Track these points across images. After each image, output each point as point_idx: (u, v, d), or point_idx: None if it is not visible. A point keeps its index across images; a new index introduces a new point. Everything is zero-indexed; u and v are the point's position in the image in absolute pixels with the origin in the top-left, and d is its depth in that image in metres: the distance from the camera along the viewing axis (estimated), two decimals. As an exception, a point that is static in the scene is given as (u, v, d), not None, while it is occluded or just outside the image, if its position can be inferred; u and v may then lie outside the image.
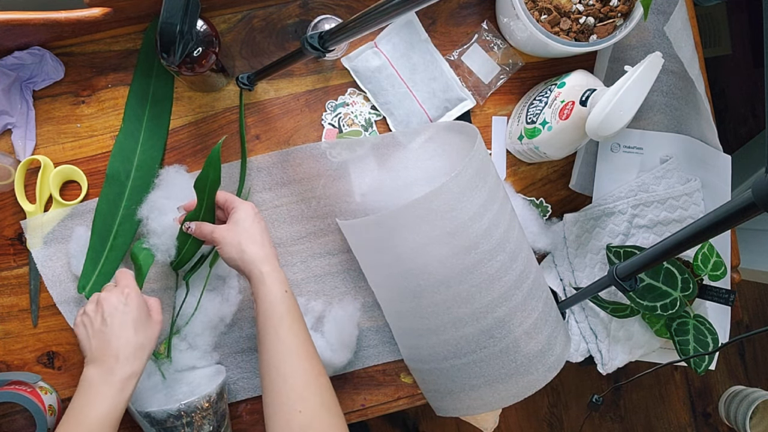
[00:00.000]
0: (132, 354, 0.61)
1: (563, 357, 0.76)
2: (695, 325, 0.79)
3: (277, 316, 0.62)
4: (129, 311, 0.63)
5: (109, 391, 0.59)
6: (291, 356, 0.61)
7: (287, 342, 0.61)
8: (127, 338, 0.62)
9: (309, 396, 0.59)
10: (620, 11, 0.73)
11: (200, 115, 0.80)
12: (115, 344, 0.61)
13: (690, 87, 0.83)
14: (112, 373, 0.60)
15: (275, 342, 0.61)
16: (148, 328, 0.64)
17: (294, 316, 0.63)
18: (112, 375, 0.60)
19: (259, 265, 0.65)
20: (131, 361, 0.61)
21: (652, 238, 0.82)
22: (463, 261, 0.67)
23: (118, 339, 0.62)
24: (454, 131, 0.78)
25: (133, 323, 0.63)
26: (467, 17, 0.83)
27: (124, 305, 0.64)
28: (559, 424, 1.70)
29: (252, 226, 0.67)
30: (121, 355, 0.61)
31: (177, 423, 0.68)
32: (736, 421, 1.58)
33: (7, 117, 0.76)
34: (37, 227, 0.76)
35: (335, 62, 0.81)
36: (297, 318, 0.64)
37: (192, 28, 0.61)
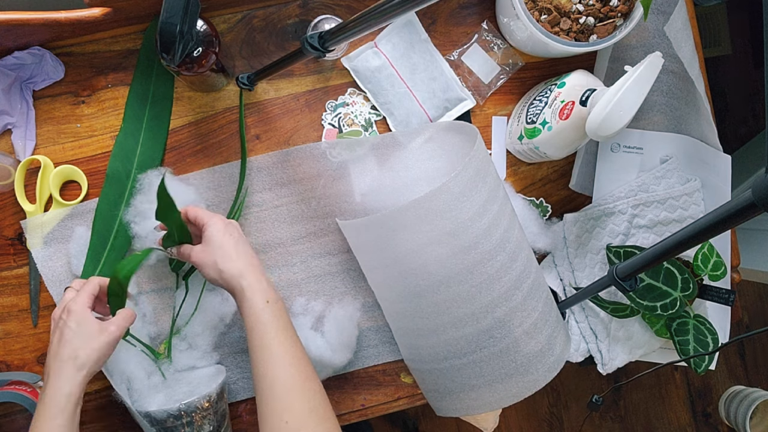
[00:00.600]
0: (60, 367, 0.60)
1: (563, 357, 0.76)
2: (695, 325, 0.79)
3: (260, 327, 0.62)
4: (66, 328, 0.62)
5: (43, 409, 0.59)
6: (276, 364, 0.61)
7: (272, 350, 0.61)
8: (57, 351, 0.61)
9: (295, 403, 0.59)
10: (620, 11, 0.73)
11: (200, 115, 0.80)
12: (49, 360, 0.62)
13: (690, 87, 0.83)
14: (44, 391, 0.60)
15: (260, 350, 0.61)
16: (86, 339, 0.61)
17: (278, 325, 0.63)
18: (44, 393, 0.60)
19: (238, 280, 0.64)
20: (59, 376, 0.60)
21: (652, 238, 0.82)
22: (463, 261, 0.67)
23: (52, 354, 0.62)
24: (454, 131, 0.78)
25: (69, 339, 0.61)
26: (467, 17, 0.83)
27: (65, 317, 0.62)
28: (559, 424, 1.70)
29: (223, 241, 0.65)
30: (52, 370, 0.61)
31: (177, 423, 0.68)
32: (736, 421, 1.58)
33: (7, 117, 0.76)
34: (37, 227, 0.76)
35: (335, 62, 0.81)
36: (282, 326, 0.63)
37: (192, 28, 0.61)
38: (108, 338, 0.62)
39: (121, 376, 0.73)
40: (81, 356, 0.61)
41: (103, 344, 0.62)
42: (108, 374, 0.72)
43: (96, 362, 0.62)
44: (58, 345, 0.62)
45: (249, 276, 0.64)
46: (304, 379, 0.61)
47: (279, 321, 0.63)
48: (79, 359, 0.60)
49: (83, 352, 0.61)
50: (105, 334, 0.62)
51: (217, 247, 0.65)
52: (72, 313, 0.62)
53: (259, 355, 0.61)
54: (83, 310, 0.63)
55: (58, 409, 0.59)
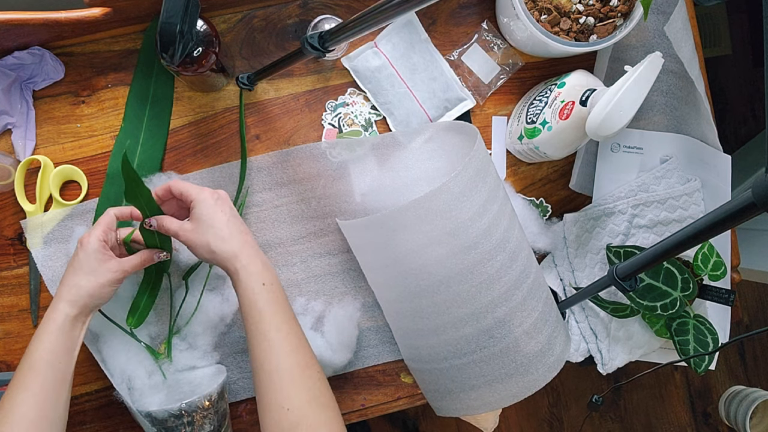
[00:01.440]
0: (66, 293, 0.62)
1: (563, 357, 0.76)
2: (695, 325, 0.79)
3: (256, 311, 0.61)
4: (76, 258, 0.64)
5: (44, 324, 0.61)
6: (274, 352, 0.59)
7: (269, 337, 0.60)
8: (66, 280, 0.63)
9: (295, 392, 0.58)
10: (620, 11, 0.73)
11: (200, 115, 0.80)
12: (61, 286, 0.64)
13: (690, 87, 0.83)
14: (54, 310, 0.62)
15: (257, 338, 0.60)
16: (90, 273, 0.63)
17: (274, 309, 0.61)
18: (48, 311, 0.62)
19: (232, 261, 0.62)
20: (62, 298, 0.62)
21: (652, 238, 0.82)
22: (462, 261, 0.67)
23: (62, 279, 0.64)
24: (454, 131, 0.78)
25: (76, 268, 0.63)
26: (467, 17, 0.83)
27: (78, 248, 0.64)
28: (559, 424, 1.70)
29: (215, 219, 0.63)
30: (58, 292, 0.63)
31: (178, 422, 0.68)
32: (736, 421, 1.58)
33: (7, 117, 0.76)
34: (37, 227, 0.76)
35: (335, 62, 0.81)
36: (278, 310, 0.61)
37: (192, 28, 0.61)
38: (108, 277, 0.64)
39: (121, 375, 0.73)
40: (82, 285, 0.63)
41: (102, 281, 0.63)
42: (109, 374, 0.72)
43: (91, 296, 0.63)
44: (67, 272, 0.64)
45: (243, 257, 0.62)
46: (304, 367, 0.60)
47: (275, 305, 0.62)
48: (80, 288, 0.62)
49: (86, 283, 0.63)
50: (108, 274, 0.64)
51: (208, 226, 0.63)
52: (84, 245, 0.64)
53: (256, 342, 0.60)
54: (95, 244, 0.64)
55: (55, 327, 0.61)
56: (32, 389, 0.58)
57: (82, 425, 0.79)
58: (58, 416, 0.60)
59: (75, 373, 0.77)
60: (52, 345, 0.60)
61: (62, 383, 0.61)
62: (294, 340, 0.61)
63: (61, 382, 0.60)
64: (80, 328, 0.63)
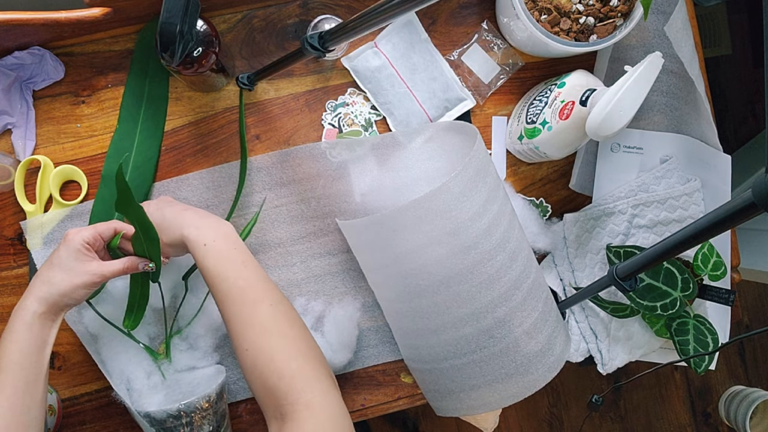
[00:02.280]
0: (37, 289, 0.60)
1: (563, 357, 0.76)
2: (695, 325, 0.79)
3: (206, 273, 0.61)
4: (56, 252, 0.62)
5: (16, 326, 0.59)
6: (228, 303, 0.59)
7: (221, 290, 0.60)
8: (41, 274, 0.61)
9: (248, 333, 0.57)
10: (620, 11, 0.73)
11: (200, 115, 0.80)
12: (34, 280, 0.61)
13: (690, 87, 0.83)
14: (21, 307, 0.60)
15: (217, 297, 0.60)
16: (66, 272, 0.61)
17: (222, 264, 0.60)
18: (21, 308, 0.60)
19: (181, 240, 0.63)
20: (32, 293, 0.60)
21: (652, 238, 0.82)
22: (462, 261, 0.67)
23: (38, 276, 0.62)
24: (454, 131, 0.78)
25: (53, 263, 0.61)
26: (467, 17, 0.83)
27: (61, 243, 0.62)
28: (559, 424, 1.70)
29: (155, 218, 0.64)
30: (33, 290, 0.60)
31: (177, 423, 0.68)
32: (736, 421, 1.58)
33: (7, 117, 0.76)
34: (36, 228, 0.76)
35: (335, 62, 0.81)
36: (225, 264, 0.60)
37: (192, 28, 0.61)
38: (84, 279, 0.61)
39: (120, 376, 0.73)
40: (56, 282, 0.60)
41: (77, 282, 0.61)
42: (107, 374, 0.72)
43: (63, 294, 0.60)
44: (43, 266, 0.62)
45: (185, 233, 0.63)
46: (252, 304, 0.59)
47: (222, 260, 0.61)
48: (52, 285, 0.60)
49: (60, 281, 0.60)
50: (85, 276, 0.61)
51: (158, 231, 0.64)
52: (67, 242, 0.62)
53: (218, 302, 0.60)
54: (78, 243, 0.62)
55: (23, 323, 0.59)
56: (4, 393, 0.56)
57: (82, 425, 0.79)
58: (32, 419, 0.57)
59: (75, 374, 0.78)
60: (20, 345, 0.58)
61: (35, 384, 0.58)
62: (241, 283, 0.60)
63: (34, 383, 0.58)
64: (50, 326, 0.60)
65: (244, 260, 0.62)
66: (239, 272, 0.61)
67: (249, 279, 0.61)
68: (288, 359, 0.56)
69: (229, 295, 0.60)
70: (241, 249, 0.63)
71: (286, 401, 0.54)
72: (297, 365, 0.56)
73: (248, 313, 0.59)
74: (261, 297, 0.60)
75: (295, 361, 0.56)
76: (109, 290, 0.74)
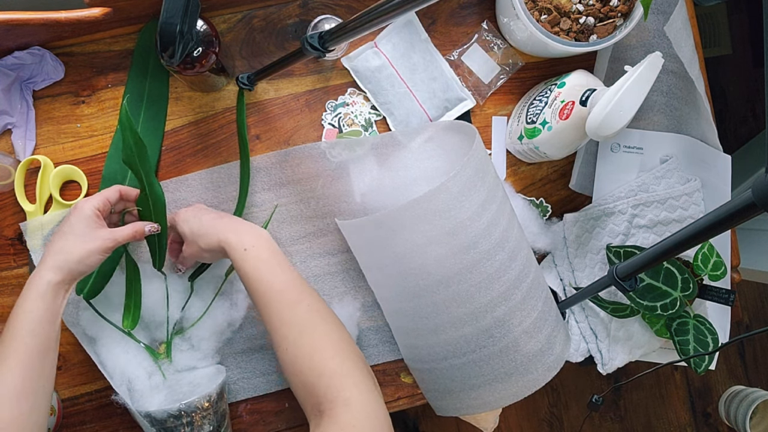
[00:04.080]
0: (52, 259, 0.61)
1: (563, 356, 0.76)
2: (695, 325, 0.79)
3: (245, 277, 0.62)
4: (67, 221, 0.63)
5: (26, 290, 0.60)
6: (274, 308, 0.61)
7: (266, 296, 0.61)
8: (53, 245, 0.62)
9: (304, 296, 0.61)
10: (620, 11, 0.73)
11: (200, 115, 0.80)
12: (47, 251, 0.62)
13: (690, 87, 0.83)
14: (37, 276, 0.60)
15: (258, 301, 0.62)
16: (79, 238, 0.62)
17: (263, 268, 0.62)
18: (37, 277, 0.60)
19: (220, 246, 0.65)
20: (47, 263, 0.61)
21: (652, 238, 0.82)
22: (462, 260, 0.67)
23: (50, 246, 0.62)
24: (454, 131, 0.78)
25: (65, 232, 0.62)
26: (467, 17, 0.83)
27: (72, 212, 0.63)
28: (559, 424, 1.70)
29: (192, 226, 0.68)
30: (44, 256, 0.61)
31: (177, 423, 0.68)
32: (736, 421, 1.58)
33: (7, 117, 0.76)
34: (36, 229, 0.76)
35: (335, 62, 0.81)
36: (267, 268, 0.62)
37: (192, 28, 0.61)
38: (98, 244, 0.62)
39: (121, 377, 0.73)
40: (70, 249, 0.61)
41: (91, 247, 0.62)
42: (108, 376, 0.72)
43: (79, 261, 0.61)
44: (56, 235, 0.63)
45: (222, 237, 0.65)
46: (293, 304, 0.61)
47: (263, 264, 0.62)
48: (68, 253, 0.61)
49: (74, 248, 0.61)
50: (98, 240, 0.63)
51: (194, 237, 0.67)
52: (79, 210, 0.63)
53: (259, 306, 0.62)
54: (89, 210, 0.63)
55: (39, 293, 0.59)
56: (17, 358, 0.57)
57: (82, 425, 0.79)
58: (42, 386, 0.59)
59: (75, 374, 0.78)
60: (34, 314, 0.59)
61: (47, 352, 0.59)
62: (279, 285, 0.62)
63: (45, 351, 0.59)
64: (62, 296, 0.61)
65: (281, 263, 0.64)
66: (277, 275, 0.62)
67: (287, 281, 0.62)
68: (327, 358, 0.57)
69: (269, 297, 0.61)
70: (278, 253, 0.65)
71: (325, 399, 0.55)
72: (336, 363, 0.57)
73: (287, 313, 0.60)
74: (299, 298, 0.61)
75: (334, 360, 0.57)
76: (106, 293, 0.74)
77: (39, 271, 0.61)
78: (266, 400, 0.81)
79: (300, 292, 0.62)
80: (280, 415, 0.81)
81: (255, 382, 0.80)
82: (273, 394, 0.81)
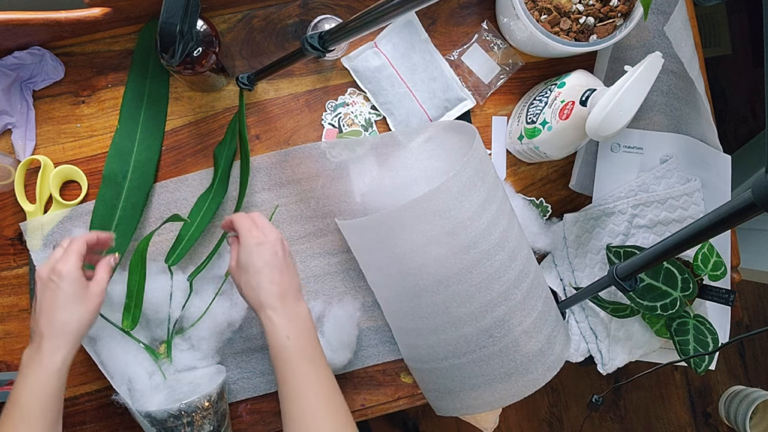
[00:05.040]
0: (55, 331, 0.59)
1: (563, 356, 0.76)
2: (695, 325, 0.79)
3: (282, 364, 0.60)
4: (58, 290, 0.60)
5: (37, 370, 0.58)
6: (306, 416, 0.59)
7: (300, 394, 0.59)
8: (51, 315, 0.60)
9: None
10: (620, 11, 0.73)
11: (200, 115, 0.80)
12: (42, 322, 0.60)
13: (690, 87, 0.83)
14: (39, 351, 0.59)
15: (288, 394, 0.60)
16: (79, 304, 0.61)
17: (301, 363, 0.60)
18: (39, 353, 0.59)
19: (258, 311, 0.63)
20: (54, 339, 0.59)
21: (652, 238, 0.82)
22: (461, 260, 0.67)
23: (45, 316, 0.60)
24: (453, 131, 0.78)
25: (61, 303, 0.60)
26: (467, 17, 0.83)
27: (57, 279, 0.61)
28: (559, 424, 1.70)
29: (249, 265, 0.63)
30: (46, 332, 0.60)
31: (177, 423, 0.68)
32: (736, 421, 1.58)
33: (7, 117, 0.76)
34: (36, 229, 0.76)
35: (335, 62, 0.81)
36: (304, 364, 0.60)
37: (192, 28, 0.61)
38: (95, 302, 0.62)
39: (122, 377, 0.73)
40: (75, 319, 0.60)
41: (91, 308, 0.62)
42: (108, 375, 0.72)
43: (86, 326, 0.62)
44: (51, 309, 0.61)
45: (268, 309, 0.62)
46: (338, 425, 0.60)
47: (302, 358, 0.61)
48: (72, 323, 0.60)
49: (78, 316, 0.61)
50: (93, 298, 0.62)
51: (243, 271, 0.64)
52: (65, 276, 0.61)
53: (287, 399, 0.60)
54: (76, 271, 0.61)
55: (52, 371, 0.58)
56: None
57: (82, 425, 0.79)
58: None
59: (75, 374, 0.78)
60: (45, 391, 0.58)
61: (56, 424, 0.59)
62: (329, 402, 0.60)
63: (55, 423, 0.59)
64: (69, 365, 0.60)
65: (314, 358, 0.62)
66: (308, 371, 0.61)
67: (313, 380, 0.61)
68: None
69: (292, 387, 0.60)
70: (314, 342, 0.63)
71: None
72: None
73: (303, 409, 0.60)
74: (320, 396, 0.61)
75: None
76: (107, 292, 0.74)
77: (46, 347, 0.59)
78: (266, 400, 0.81)
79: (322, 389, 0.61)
80: (280, 415, 0.81)
81: (255, 382, 0.80)
82: (273, 394, 0.81)
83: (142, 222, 0.78)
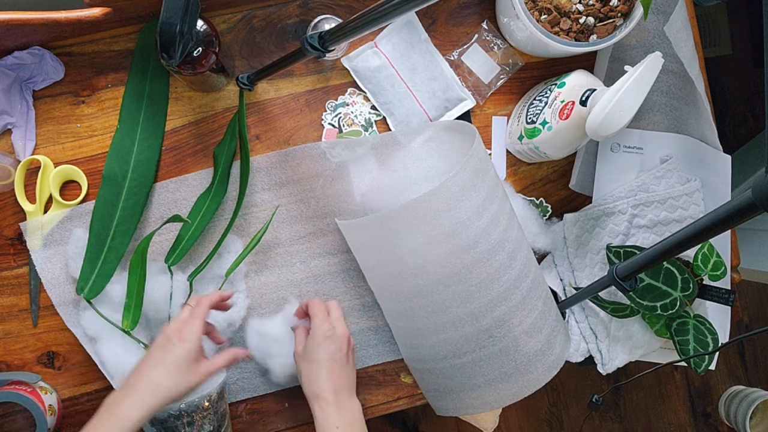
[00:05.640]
0: (144, 387, 0.59)
1: (563, 356, 0.76)
2: (695, 325, 0.79)
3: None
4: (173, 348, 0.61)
5: (109, 418, 0.59)
6: None
7: None
8: (150, 371, 0.60)
9: None
10: (620, 11, 0.73)
11: (200, 115, 0.80)
12: (140, 372, 0.61)
13: (690, 87, 0.83)
14: (121, 401, 0.59)
15: None
16: (180, 374, 0.60)
17: None
18: (119, 404, 0.59)
19: (311, 401, 0.67)
20: (140, 395, 0.59)
21: (652, 238, 0.82)
22: (461, 260, 0.67)
23: (145, 368, 0.61)
24: (453, 131, 0.78)
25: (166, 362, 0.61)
26: (467, 17, 0.83)
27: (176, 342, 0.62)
28: (559, 424, 1.70)
29: (312, 356, 0.68)
30: (136, 385, 0.60)
31: (177, 423, 0.68)
32: (736, 421, 1.58)
33: (7, 117, 0.76)
34: (36, 229, 0.76)
35: (335, 62, 0.81)
36: None
37: (192, 28, 0.61)
38: (197, 379, 0.62)
39: (122, 377, 0.73)
40: (167, 386, 0.60)
41: (191, 384, 0.62)
42: (108, 375, 0.72)
43: (178, 397, 0.61)
44: (154, 365, 0.61)
45: (322, 401, 0.66)
46: None
47: None
48: (164, 387, 0.60)
49: (173, 383, 0.60)
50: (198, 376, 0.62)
51: (306, 360, 0.69)
52: (184, 340, 0.62)
53: None
54: (196, 342, 0.62)
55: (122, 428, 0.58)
56: None
57: (82, 425, 0.78)
58: None
59: (75, 374, 0.78)
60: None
61: None
62: None
63: None
64: (140, 425, 0.59)
65: None
66: None
67: None
68: None
69: None
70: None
71: None
72: None
73: None
74: None
75: None
76: (107, 292, 0.74)
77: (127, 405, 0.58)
78: (266, 400, 0.81)
79: None
80: (280, 415, 0.81)
81: (255, 382, 0.80)
82: (273, 394, 0.81)
83: (142, 222, 0.78)
